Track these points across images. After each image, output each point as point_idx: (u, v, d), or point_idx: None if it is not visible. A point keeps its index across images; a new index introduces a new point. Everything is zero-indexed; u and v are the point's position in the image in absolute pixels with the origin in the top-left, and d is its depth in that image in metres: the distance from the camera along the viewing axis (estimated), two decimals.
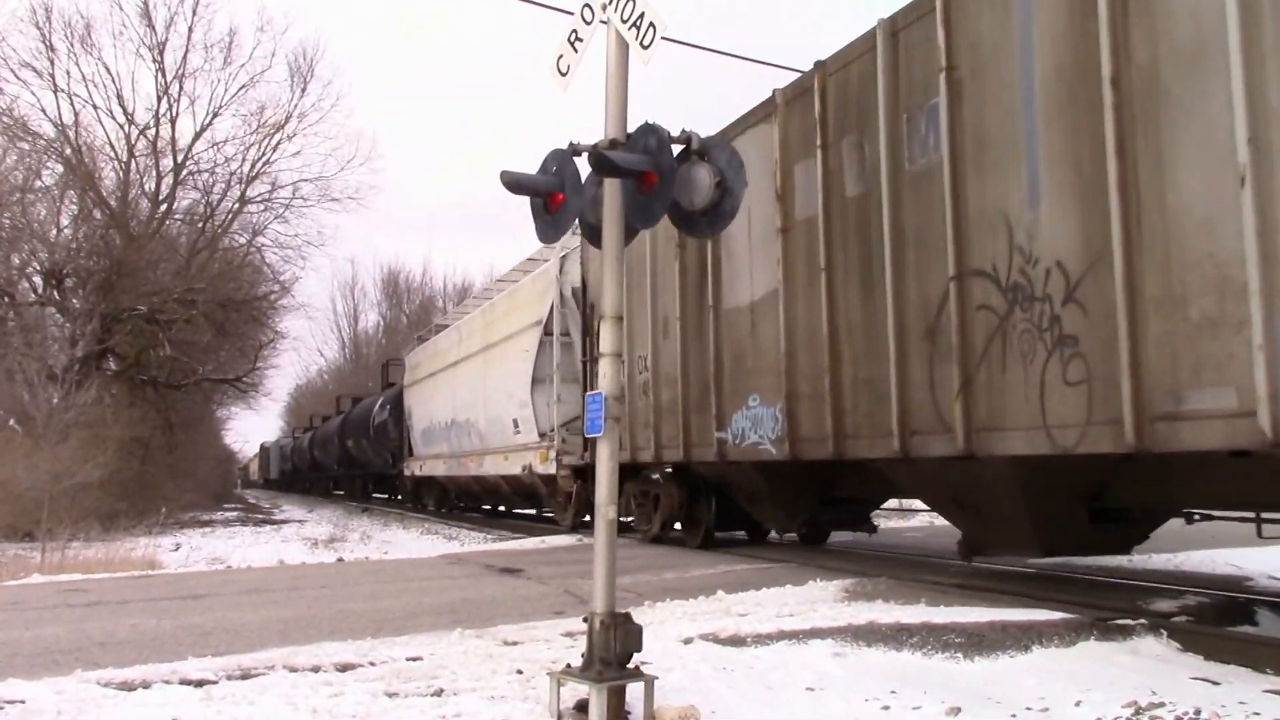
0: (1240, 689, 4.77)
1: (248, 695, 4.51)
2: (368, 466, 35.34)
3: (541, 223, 4.71)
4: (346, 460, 38.75)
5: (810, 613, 6.35)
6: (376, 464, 33.29)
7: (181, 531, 22.28)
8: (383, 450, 31.16)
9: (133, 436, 22.62)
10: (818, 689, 4.76)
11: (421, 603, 7.45)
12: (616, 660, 4.17)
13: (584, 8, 4.65)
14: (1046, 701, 4.55)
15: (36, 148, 26.30)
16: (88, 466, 17.36)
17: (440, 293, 69.74)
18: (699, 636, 5.62)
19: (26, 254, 25.07)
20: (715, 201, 4.46)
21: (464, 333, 21.60)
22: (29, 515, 16.58)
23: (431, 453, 24.40)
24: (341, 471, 41.56)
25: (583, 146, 4.54)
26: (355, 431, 35.47)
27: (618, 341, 4.48)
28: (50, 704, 4.31)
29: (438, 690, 4.59)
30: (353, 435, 35.82)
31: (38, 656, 5.45)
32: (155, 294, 25.32)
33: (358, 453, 35.78)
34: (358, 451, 35.67)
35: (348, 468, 39.56)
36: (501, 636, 5.85)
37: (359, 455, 35.77)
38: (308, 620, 6.68)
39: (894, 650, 5.44)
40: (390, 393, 31.03)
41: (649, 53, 4.27)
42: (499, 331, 18.73)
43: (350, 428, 36.63)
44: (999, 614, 6.03)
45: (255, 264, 32.06)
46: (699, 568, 9.44)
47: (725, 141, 4.79)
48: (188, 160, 29.70)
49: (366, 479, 38.30)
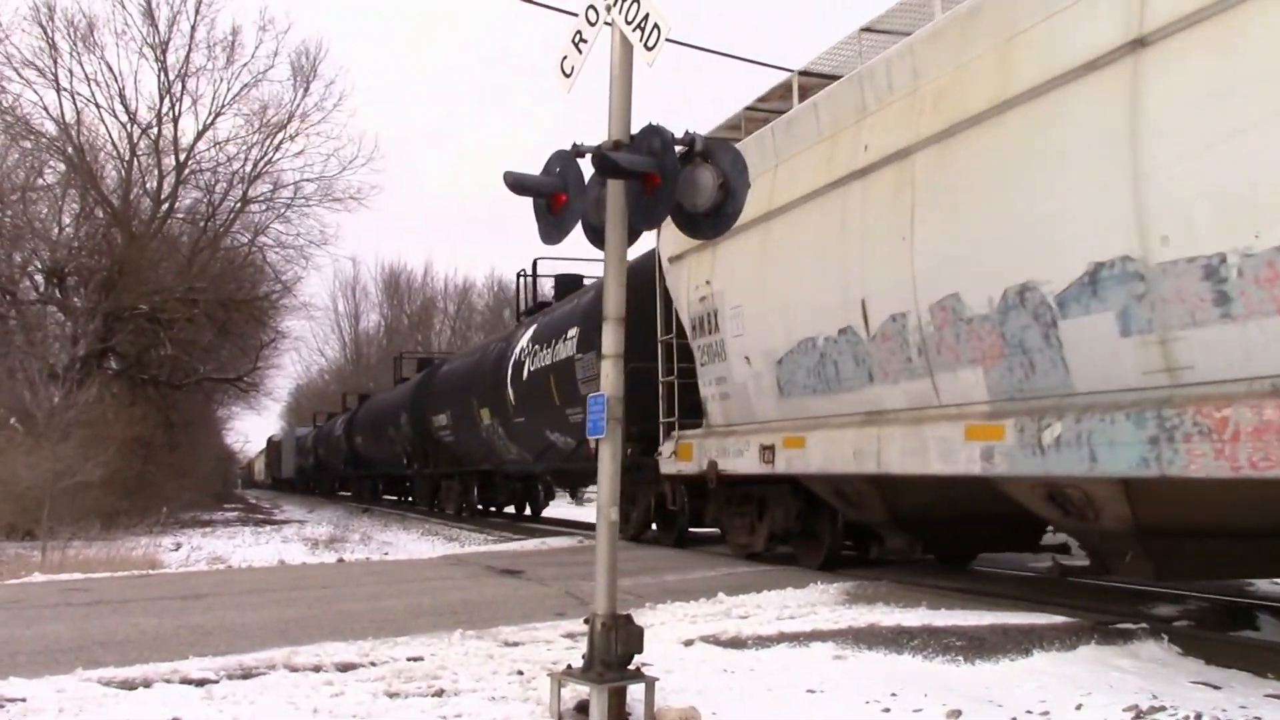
0: (1241, 693, 4.77)
1: (249, 694, 4.51)
2: (468, 460, 22.45)
3: (544, 224, 4.71)
4: (417, 452, 26.25)
5: (811, 615, 6.35)
6: (499, 457, 20.02)
7: (182, 531, 22.27)
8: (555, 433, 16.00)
9: (134, 436, 22.60)
10: (818, 691, 4.76)
11: (422, 603, 7.45)
12: (618, 662, 4.17)
13: (588, 9, 4.65)
14: (1047, 705, 4.55)
15: (39, 146, 26.27)
16: (89, 465, 17.36)
17: (441, 293, 69.87)
18: (700, 638, 5.63)
19: (28, 252, 25.09)
20: (718, 203, 4.46)
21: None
22: (30, 514, 16.59)
23: (795, 413, 8.79)
24: (414, 469, 27.49)
25: (586, 148, 4.54)
26: (452, 403, 21.97)
27: (620, 343, 4.47)
28: (51, 702, 4.31)
29: (438, 690, 4.60)
30: (452, 407, 21.93)
31: (39, 655, 5.45)
32: (157, 293, 25.31)
33: (459, 438, 22.02)
34: (458, 436, 22.00)
35: (420, 463, 26.39)
36: (502, 637, 5.85)
37: (461, 442, 21.94)
38: (309, 620, 6.68)
39: (895, 653, 5.44)
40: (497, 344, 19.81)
41: (653, 54, 4.27)
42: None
43: (437, 400, 23.41)
44: (1000, 617, 6.02)
45: (257, 263, 32.03)
46: (700, 570, 9.43)
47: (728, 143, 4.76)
48: (190, 159, 29.68)
49: (469, 478, 23.60)
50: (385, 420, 29.70)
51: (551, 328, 15.62)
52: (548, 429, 16.07)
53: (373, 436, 31.75)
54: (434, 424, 23.74)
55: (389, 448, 29.58)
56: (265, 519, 31.30)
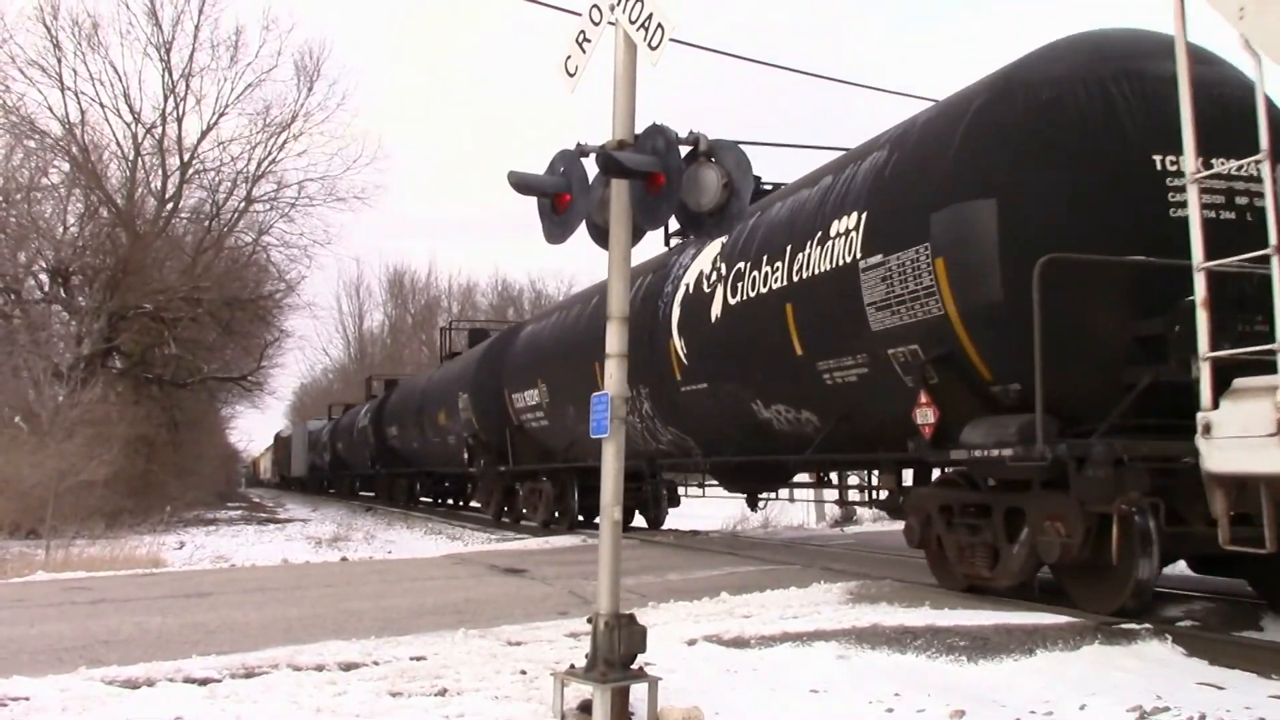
0: (1245, 693, 4.76)
1: (251, 694, 4.52)
2: (571, 453, 16.27)
3: (549, 223, 4.71)
4: (484, 445, 19.51)
5: (814, 615, 6.34)
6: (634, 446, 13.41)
7: (185, 530, 22.28)
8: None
9: (138, 435, 22.63)
10: (821, 691, 4.75)
11: (425, 602, 7.46)
12: (620, 661, 4.17)
13: (592, 8, 4.65)
14: (1051, 705, 4.54)
15: (43, 146, 26.30)
16: (92, 464, 17.37)
17: (445, 293, 69.90)
18: (703, 638, 5.62)
19: (33, 252, 25.10)
20: (723, 203, 4.45)
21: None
22: (34, 513, 16.61)
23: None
24: (479, 465, 20.14)
25: (590, 147, 4.54)
26: (550, 373, 16.03)
27: (624, 342, 4.47)
28: (55, 701, 4.32)
29: (441, 690, 4.60)
30: (549, 379, 16.08)
31: (42, 654, 5.46)
32: (161, 292, 25.34)
33: (557, 423, 16.04)
34: (555, 421, 16.06)
35: (489, 458, 19.45)
36: (505, 637, 5.85)
37: (565, 428, 15.70)
38: (312, 619, 6.69)
39: (898, 653, 5.44)
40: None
41: (657, 54, 4.27)
42: None
43: (521, 373, 17.57)
44: (1003, 617, 6.02)
45: (261, 263, 32.08)
46: (703, 569, 9.43)
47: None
48: (194, 159, 29.73)
49: (566, 478, 17.06)
50: (433, 405, 23.39)
51: (793, 224, 9.19)
52: (762, 398, 10.01)
53: (414, 426, 25.67)
54: (516, 405, 17.52)
55: (438, 440, 23.38)
56: (269, 518, 31.32)
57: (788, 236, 9.16)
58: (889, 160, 8.00)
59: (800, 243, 8.87)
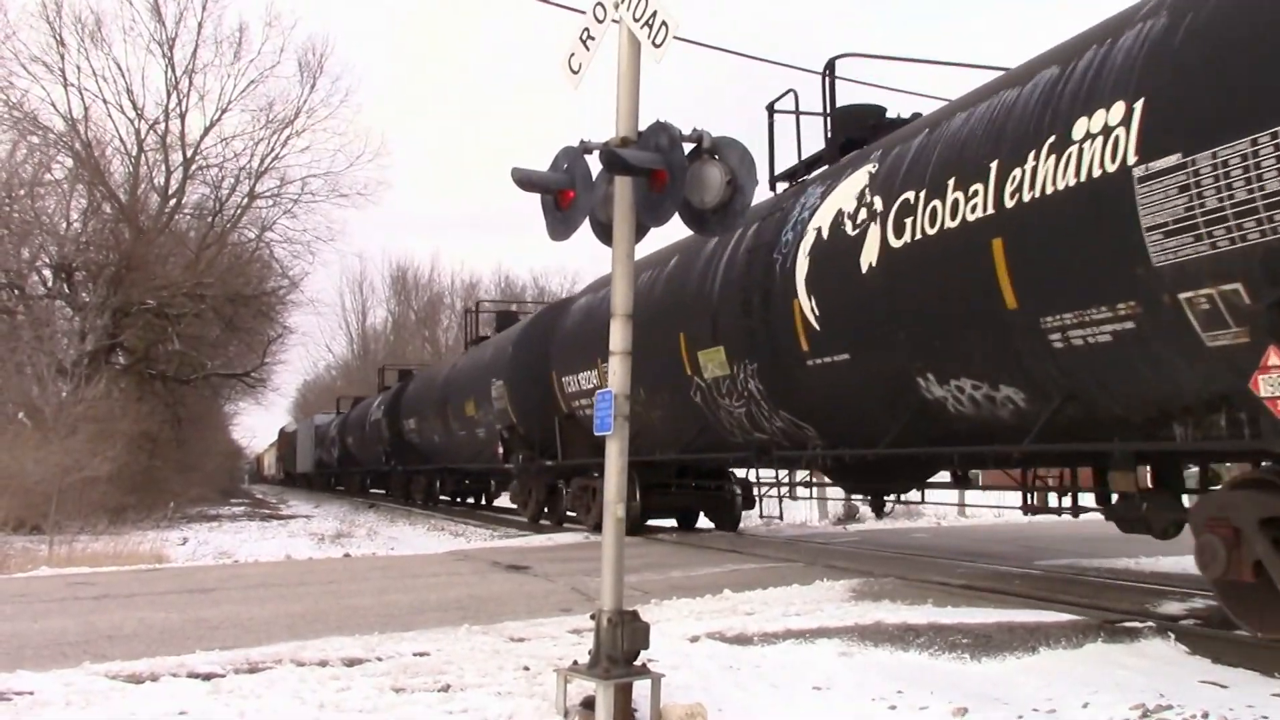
0: (1249, 692, 4.76)
1: (255, 689, 4.52)
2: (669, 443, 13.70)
3: (552, 220, 4.71)
4: (523, 438, 17.60)
5: (817, 612, 6.35)
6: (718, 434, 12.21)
7: (188, 526, 22.30)
8: None
9: (141, 431, 22.64)
10: (824, 688, 4.76)
11: (428, 599, 7.47)
12: (623, 658, 4.17)
13: (596, 6, 4.65)
14: (1053, 703, 4.54)
15: (47, 142, 26.35)
16: (96, 460, 17.40)
17: (448, 289, 69.90)
18: (706, 635, 5.63)
19: (36, 247, 25.12)
20: (726, 200, 4.46)
21: None
22: (37, 508, 16.62)
23: None
24: (517, 461, 17.93)
25: (594, 144, 4.55)
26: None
27: (628, 340, 4.47)
28: (58, 696, 4.33)
29: (445, 686, 4.61)
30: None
31: (46, 648, 5.47)
32: (164, 288, 25.36)
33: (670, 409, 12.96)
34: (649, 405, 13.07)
35: (528, 451, 17.41)
36: (508, 633, 5.86)
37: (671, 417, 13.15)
38: (315, 615, 6.70)
39: (901, 650, 5.44)
40: None
41: (661, 51, 4.27)
42: None
43: (572, 355, 15.46)
44: (1006, 615, 6.02)
45: (264, 259, 32.15)
46: (706, 566, 9.44)
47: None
48: (197, 155, 29.76)
49: (643, 474, 14.03)
50: (459, 395, 21.47)
51: (998, 134, 7.03)
52: (935, 371, 7.71)
53: (436, 419, 23.87)
54: (567, 390, 15.61)
55: (464, 433, 21.39)
56: (272, 514, 31.35)
57: (991, 150, 6.95)
58: (1179, 23, 5.65)
59: (1016, 155, 6.62)
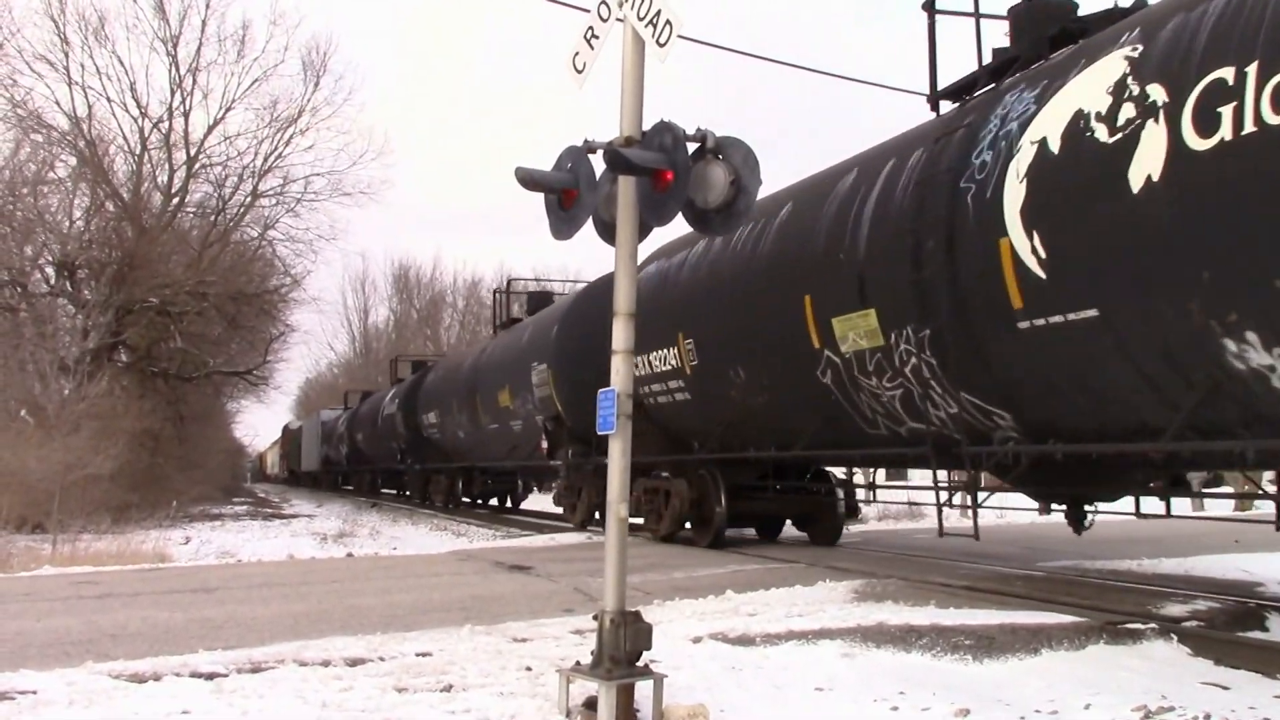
0: (1250, 694, 4.76)
1: (258, 688, 4.53)
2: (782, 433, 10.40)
3: (556, 219, 4.71)
4: (568, 432, 15.61)
5: (819, 613, 6.34)
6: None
7: (191, 525, 22.32)
8: None
9: (143, 428, 22.66)
10: (826, 689, 4.76)
11: (431, 599, 7.47)
12: (626, 658, 4.17)
13: (601, 5, 4.65)
14: (1055, 704, 4.54)
15: (50, 140, 26.36)
16: (99, 458, 17.41)
17: (450, 288, 69.93)
18: (708, 636, 5.63)
19: (39, 245, 25.15)
20: (730, 200, 4.45)
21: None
22: (40, 507, 16.64)
23: None
24: (564, 454, 15.89)
25: (598, 144, 4.55)
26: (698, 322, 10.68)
27: (630, 339, 4.47)
28: (62, 695, 4.33)
29: (447, 686, 4.61)
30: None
31: (49, 648, 5.48)
32: (167, 286, 25.37)
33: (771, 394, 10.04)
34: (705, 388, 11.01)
35: (577, 445, 15.41)
36: (511, 633, 5.86)
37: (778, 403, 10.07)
38: (318, 615, 6.70)
39: (903, 651, 5.44)
40: None
41: (665, 51, 4.27)
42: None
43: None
44: (1008, 616, 6.02)
45: (266, 257, 32.14)
46: (708, 567, 9.43)
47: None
48: (200, 153, 29.76)
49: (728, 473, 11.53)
50: (489, 384, 19.27)
51: None
52: (1259, 329, 5.26)
53: (462, 411, 21.48)
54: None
55: (496, 426, 19.30)
56: (274, 513, 31.38)
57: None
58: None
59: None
